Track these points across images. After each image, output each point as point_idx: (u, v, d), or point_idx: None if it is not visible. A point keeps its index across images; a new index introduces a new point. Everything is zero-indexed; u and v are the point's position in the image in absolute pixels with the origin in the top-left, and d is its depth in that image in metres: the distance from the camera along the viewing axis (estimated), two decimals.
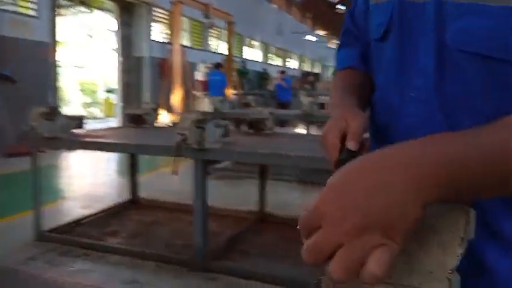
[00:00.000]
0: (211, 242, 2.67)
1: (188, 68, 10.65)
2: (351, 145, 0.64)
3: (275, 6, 23.15)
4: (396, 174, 0.41)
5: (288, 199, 4.40)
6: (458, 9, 0.62)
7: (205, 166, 2.52)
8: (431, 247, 0.46)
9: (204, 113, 2.46)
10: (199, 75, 11.24)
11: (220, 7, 12.54)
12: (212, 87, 9.48)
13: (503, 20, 0.58)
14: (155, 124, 3.75)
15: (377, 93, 0.79)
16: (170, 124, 7.42)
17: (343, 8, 30.48)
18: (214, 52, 14.63)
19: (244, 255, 2.83)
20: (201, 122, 2.39)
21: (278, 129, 3.71)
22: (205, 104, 10.49)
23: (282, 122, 6.15)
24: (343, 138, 0.66)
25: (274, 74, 16.38)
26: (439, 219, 0.47)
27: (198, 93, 10.61)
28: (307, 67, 31.13)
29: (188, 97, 10.43)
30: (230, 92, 10.55)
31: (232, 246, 2.90)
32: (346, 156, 0.65)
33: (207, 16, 11.82)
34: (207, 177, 2.57)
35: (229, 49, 13.01)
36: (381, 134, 0.75)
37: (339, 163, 0.64)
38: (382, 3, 0.76)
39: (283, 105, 9.87)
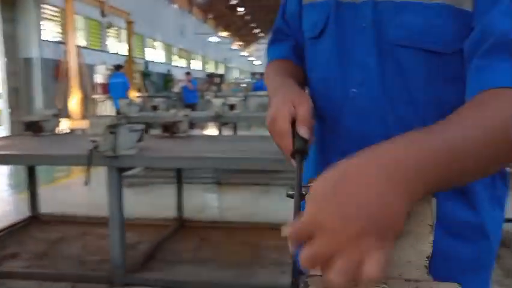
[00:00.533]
0: (130, 255, 2.51)
1: (86, 70, 9.92)
2: (304, 132, 0.63)
3: (176, 6, 22.74)
4: (384, 179, 0.41)
5: (206, 202, 4.35)
6: (395, 7, 0.67)
7: (120, 174, 2.37)
8: (406, 238, 0.47)
9: (118, 117, 2.29)
10: (99, 78, 10.55)
11: (117, 5, 11.92)
12: (113, 90, 8.97)
13: (438, 15, 0.63)
14: (56, 131, 3.41)
15: (314, 89, 0.81)
16: (68, 130, 6.84)
17: (242, 9, 31.19)
18: (114, 53, 13.85)
19: (165, 264, 2.72)
20: (114, 127, 2.23)
21: (191, 132, 3.63)
22: (107, 108, 9.93)
23: (191, 125, 6.06)
24: (292, 124, 0.64)
25: (179, 75, 16.10)
26: (409, 212, 0.49)
27: (98, 97, 9.95)
28: (211, 68, 31.18)
29: (87, 101, 9.72)
30: (133, 95, 10.09)
31: (152, 256, 2.77)
32: (301, 144, 0.64)
33: (103, 14, 11.15)
34: (122, 186, 2.41)
35: (130, 50, 12.43)
36: (323, 128, 0.77)
37: (296, 152, 0.64)
38: (317, 3, 0.78)
39: (190, 108, 9.73)
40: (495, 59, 0.56)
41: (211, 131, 9.70)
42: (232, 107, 5.67)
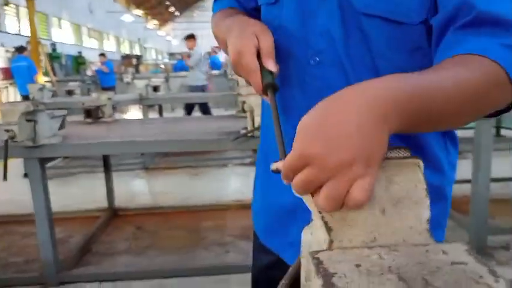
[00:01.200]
0: (61, 251, 2.32)
1: None
2: (271, 66, 0.65)
3: None
4: (365, 111, 0.43)
5: (136, 189, 4.17)
6: None
7: (43, 165, 2.15)
8: (404, 204, 0.47)
9: (35, 103, 2.06)
10: None
11: None
12: (17, 74, 8.06)
13: None
14: None
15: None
16: None
17: None
18: (15, 34, 12.43)
19: (101, 257, 2.56)
20: (32, 114, 2.01)
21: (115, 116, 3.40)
22: (10, 95, 8.94)
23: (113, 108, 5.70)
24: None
25: (91, 57, 15.03)
26: (401, 176, 0.49)
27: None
28: (126, 49, 29.55)
29: None
30: (41, 80, 9.19)
31: (86, 250, 2.59)
32: (270, 78, 0.65)
33: None
34: (46, 178, 2.20)
35: (32, 30, 11.23)
36: (284, 95, 0.76)
37: (267, 87, 0.65)
38: None
39: (107, 91, 9.13)
40: (471, 33, 0.58)
41: (134, 114, 9.27)
42: (155, 88, 5.44)
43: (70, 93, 5.18)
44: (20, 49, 8.61)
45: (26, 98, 6.98)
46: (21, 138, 1.97)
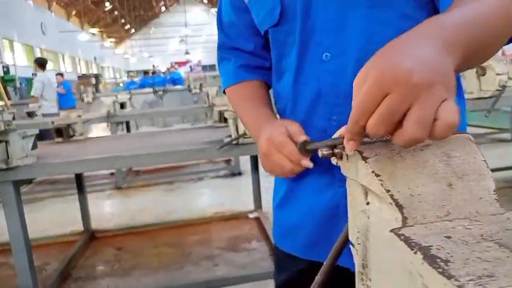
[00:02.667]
0: (40, 279, 2.17)
1: None
2: (304, 138, 0.69)
3: (30, 2, 20.32)
4: (432, 42, 0.43)
5: (112, 209, 4.00)
6: None
7: (18, 189, 2.02)
8: (469, 177, 0.47)
9: (6, 123, 1.93)
10: None
11: None
12: None
13: None
14: None
15: (291, 75, 0.78)
16: None
17: (108, 4, 29.36)
18: None
19: (83, 282, 2.42)
20: (4, 133, 1.89)
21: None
22: None
23: None
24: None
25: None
26: (458, 150, 0.49)
27: None
28: (82, 69, 28.75)
29: None
30: None
31: (66, 276, 2.44)
32: (304, 143, 0.68)
33: None
34: (21, 202, 2.07)
35: None
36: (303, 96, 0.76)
37: (304, 144, 0.68)
38: None
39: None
40: None
41: (100, 132, 8.97)
42: (122, 105, 5.31)
43: (30, 115, 4.94)
44: None
45: None
46: None
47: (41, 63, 6.17)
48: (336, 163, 0.56)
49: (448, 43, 0.44)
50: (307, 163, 0.68)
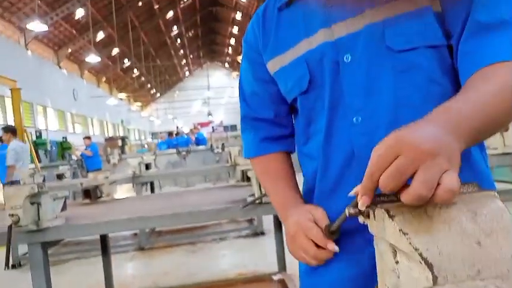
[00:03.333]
0: None
1: None
2: (327, 223, 0.74)
3: (65, 71, 21.74)
4: (442, 126, 0.51)
5: (133, 271, 3.96)
6: (383, 25, 0.72)
7: (46, 250, 2.05)
8: (498, 234, 0.47)
9: (39, 185, 2.01)
10: None
11: (1, 73, 10.96)
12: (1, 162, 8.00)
13: (425, 16, 0.71)
14: None
15: (321, 137, 0.80)
16: None
17: (136, 72, 31.07)
18: (1, 124, 12.51)
19: None
20: (36, 196, 1.96)
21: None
22: None
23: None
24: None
25: (76, 141, 15.09)
26: (485, 208, 0.50)
27: None
28: (110, 131, 29.87)
29: None
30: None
31: None
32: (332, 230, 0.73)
33: None
34: (48, 265, 2.09)
35: (17, 120, 11.32)
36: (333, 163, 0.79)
37: (331, 232, 0.73)
38: (289, 64, 0.82)
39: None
40: (477, 41, 0.66)
41: (124, 193, 9.11)
42: (147, 166, 5.45)
43: (60, 177, 5.12)
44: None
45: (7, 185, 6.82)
46: (25, 222, 1.89)
47: (12, 131, 6.12)
48: (364, 222, 0.57)
49: (454, 129, 0.52)
50: (332, 246, 0.72)
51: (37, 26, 12.58)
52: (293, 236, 0.76)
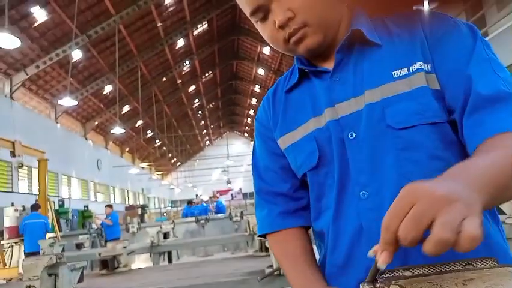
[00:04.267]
0: None
1: None
2: None
3: (90, 142, 22.59)
4: (462, 186, 0.50)
5: None
6: (382, 105, 0.76)
7: None
8: None
9: (58, 256, 2.03)
10: (7, 221, 9.46)
11: (29, 144, 11.46)
12: (30, 231, 8.10)
13: (422, 96, 0.74)
14: None
15: (331, 212, 0.81)
16: None
17: (158, 142, 32.00)
18: (26, 193, 12.83)
19: None
20: (54, 267, 1.97)
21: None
22: (15, 253, 8.75)
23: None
24: None
25: (97, 210, 15.21)
26: (505, 285, 0.49)
27: (4, 242, 8.81)
28: (130, 200, 30.11)
29: None
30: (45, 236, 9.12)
31: None
32: None
33: (13, 154, 10.53)
34: None
35: (42, 189, 11.61)
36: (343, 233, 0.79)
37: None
38: (299, 141, 0.86)
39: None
40: (484, 114, 0.69)
41: (141, 263, 8.93)
42: (165, 235, 5.41)
43: (79, 246, 5.11)
44: (34, 207, 8.80)
45: (30, 255, 6.85)
46: None
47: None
48: None
49: (473, 186, 0.51)
50: None
51: (68, 101, 13.36)
52: None
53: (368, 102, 0.77)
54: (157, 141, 32.28)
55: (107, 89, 20.58)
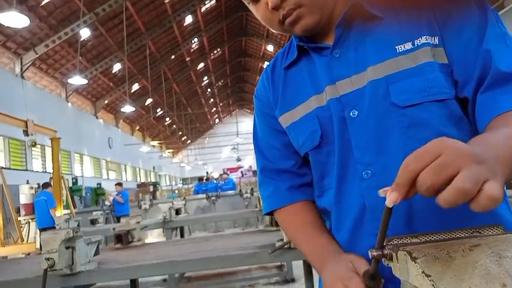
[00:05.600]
0: None
1: (8, 192, 9.13)
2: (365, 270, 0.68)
3: (101, 121, 22.78)
4: (484, 149, 0.50)
5: None
6: (386, 81, 0.74)
7: None
8: None
9: (74, 230, 2.09)
10: (23, 198, 9.71)
11: (41, 123, 11.60)
12: (37, 208, 8.35)
13: (429, 71, 0.72)
14: None
15: (333, 192, 0.81)
16: None
17: (168, 120, 32.13)
18: (41, 171, 13.09)
19: None
20: (71, 240, 2.03)
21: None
22: (32, 229, 9.02)
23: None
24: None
25: (110, 187, 15.49)
26: (511, 251, 0.49)
27: (21, 218, 9.07)
28: (142, 178, 30.53)
29: (8, 225, 8.79)
30: (60, 212, 9.35)
31: None
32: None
33: (26, 133, 10.69)
34: None
35: (56, 167, 11.82)
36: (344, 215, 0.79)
37: (369, 278, 0.67)
38: (299, 120, 0.84)
39: (119, 220, 9.19)
40: (498, 93, 0.67)
41: (154, 238, 9.15)
42: (177, 211, 5.51)
43: (93, 222, 5.24)
44: (44, 185, 9.01)
45: (41, 231, 7.10)
46: (60, 266, 1.95)
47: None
48: (387, 264, 0.57)
49: (496, 157, 0.50)
50: None
51: (78, 80, 13.42)
52: (332, 287, 0.71)
53: (370, 79, 0.74)
54: (167, 119, 32.39)
55: (116, 67, 20.56)
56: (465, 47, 0.70)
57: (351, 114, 0.75)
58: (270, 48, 27.41)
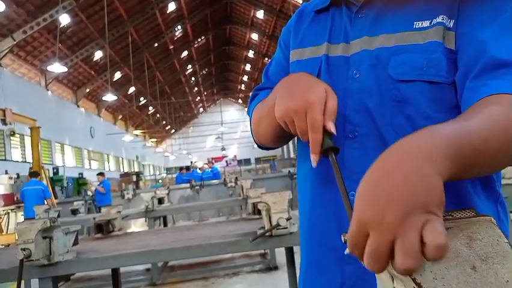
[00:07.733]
0: None
1: None
2: (332, 128, 0.66)
3: (83, 109, 22.38)
4: (410, 158, 0.46)
5: None
6: (391, 51, 0.74)
7: (57, 285, 2.05)
8: (494, 259, 0.47)
9: (52, 220, 2.04)
10: (2, 189, 9.51)
11: (21, 112, 11.32)
12: (29, 198, 8.17)
13: (433, 51, 0.71)
14: None
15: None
16: None
17: (151, 109, 31.77)
18: (20, 161, 12.80)
19: None
20: (49, 230, 1.98)
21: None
22: (12, 220, 8.86)
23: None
24: None
25: (92, 177, 15.29)
26: (480, 233, 0.49)
27: (1, 209, 8.90)
28: (125, 167, 30.22)
29: None
30: (53, 202, 9.21)
31: None
32: (331, 142, 0.66)
33: (4, 123, 10.42)
34: None
35: (35, 157, 11.59)
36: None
37: (330, 150, 0.66)
38: (305, 60, 0.86)
39: (101, 210, 9.07)
40: (488, 77, 0.65)
41: (137, 227, 9.09)
42: (160, 200, 5.47)
43: (74, 212, 5.17)
44: (33, 174, 8.85)
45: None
46: (37, 256, 1.91)
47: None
48: None
49: (436, 154, 0.47)
50: (314, 159, 0.67)
51: (57, 68, 13.10)
52: (294, 111, 0.67)
53: (379, 46, 0.75)
54: (150, 108, 32.02)
55: (98, 55, 20.16)
56: (476, 41, 0.69)
57: (353, 74, 0.77)
58: (255, 36, 27.26)
